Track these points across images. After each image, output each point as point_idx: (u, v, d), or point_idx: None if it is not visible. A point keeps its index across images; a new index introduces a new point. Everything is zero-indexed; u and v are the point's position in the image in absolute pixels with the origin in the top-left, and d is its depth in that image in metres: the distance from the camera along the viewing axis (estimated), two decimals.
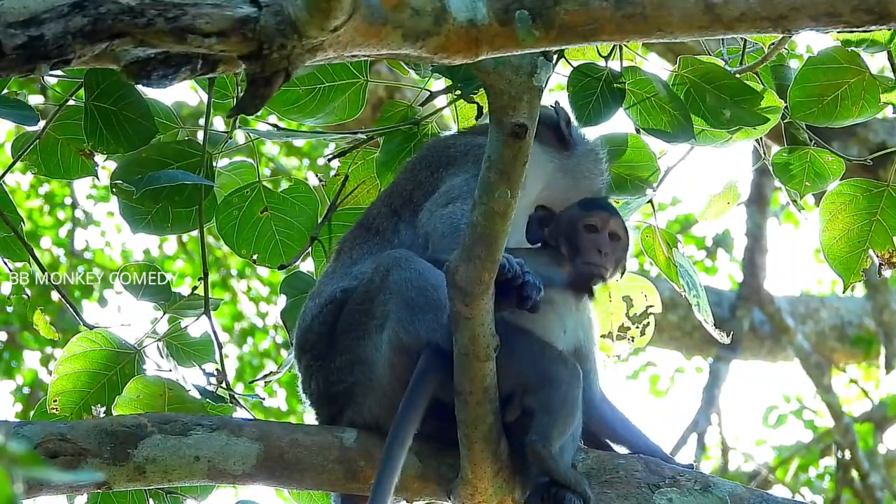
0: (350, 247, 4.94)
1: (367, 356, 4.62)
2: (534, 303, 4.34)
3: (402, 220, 4.88)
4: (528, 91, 3.93)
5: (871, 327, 12.91)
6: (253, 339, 14.72)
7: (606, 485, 4.51)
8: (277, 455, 4.57)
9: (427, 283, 4.51)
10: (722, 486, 4.53)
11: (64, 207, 14.54)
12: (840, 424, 12.74)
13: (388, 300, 4.58)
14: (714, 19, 3.77)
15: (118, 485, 4.55)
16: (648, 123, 5.18)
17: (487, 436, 4.40)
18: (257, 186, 5.36)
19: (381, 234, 4.90)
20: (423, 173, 4.97)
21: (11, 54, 3.35)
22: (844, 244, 5.20)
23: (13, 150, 5.33)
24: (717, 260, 15.28)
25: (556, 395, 4.41)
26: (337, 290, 4.77)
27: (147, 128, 5.16)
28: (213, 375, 5.28)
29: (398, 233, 4.87)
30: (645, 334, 5.43)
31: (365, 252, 4.86)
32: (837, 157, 5.29)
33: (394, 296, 4.57)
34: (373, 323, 4.62)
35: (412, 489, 4.57)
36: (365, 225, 4.97)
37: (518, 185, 4.10)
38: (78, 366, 5.14)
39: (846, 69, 5.14)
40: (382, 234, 4.89)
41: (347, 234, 5.05)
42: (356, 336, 4.65)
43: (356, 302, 4.68)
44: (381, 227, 4.91)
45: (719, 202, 5.51)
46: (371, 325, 4.62)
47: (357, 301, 4.68)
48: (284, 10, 3.45)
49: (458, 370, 4.34)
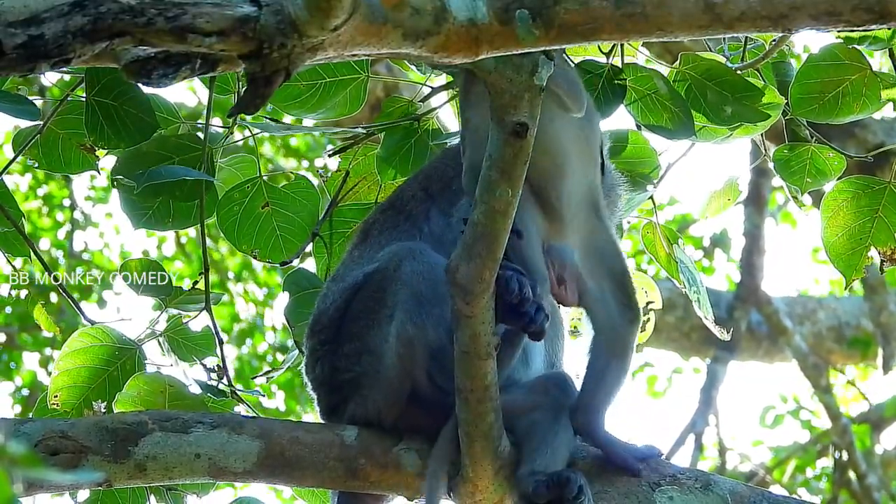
0: (379, 230, 4.89)
1: (376, 346, 4.61)
2: (540, 330, 4.35)
3: (436, 206, 4.85)
4: (529, 90, 3.93)
5: (868, 328, 12.91)
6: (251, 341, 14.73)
7: (607, 483, 4.51)
8: (278, 452, 4.57)
9: (438, 278, 4.49)
10: (722, 484, 4.53)
11: (62, 209, 14.54)
12: (837, 425, 12.74)
13: (399, 291, 4.57)
14: (714, 18, 3.77)
15: (119, 482, 4.55)
16: (649, 120, 5.18)
17: (488, 434, 4.40)
18: (258, 181, 5.35)
19: (412, 218, 4.86)
20: None
21: (12, 53, 3.35)
22: (846, 241, 5.20)
23: (14, 145, 5.33)
24: (715, 260, 15.29)
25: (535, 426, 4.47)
26: (360, 274, 4.75)
27: (148, 123, 5.16)
28: (213, 370, 5.28)
29: (429, 220, 4.83)
30: (645, 330, 5.43)
31: (393, 237, 4.82)
32: (838, 154, 5.29)
33: (404, 287, 4.56)
34: (383, 312, 4.61)
35: (412, 487, 4.57)
36: (397, 206, 4.93)
37: (519, 184, 4.10)
38: (78, 361, 5.13)
39: (847, 66, 5.13)
40: (413, 220, 4.85)
41: (377, 215, 5.00)
42: (366, 324, 4.64)
43: (369, 289, 4.67)
44: (413, 211, 4.87)
45: (720, 199, 5.52)
46: (382, 315, 4.61)
47: (370, 288, 4.67)
48: (284, 10, 3.45)
49: (459, 368, 4.33)
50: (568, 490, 4.35)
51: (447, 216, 4.81)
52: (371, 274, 4.69)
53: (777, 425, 15.41)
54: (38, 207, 14.39)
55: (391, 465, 4.58)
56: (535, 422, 4.52)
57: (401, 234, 4.82)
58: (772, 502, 4.52)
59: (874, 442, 13.90)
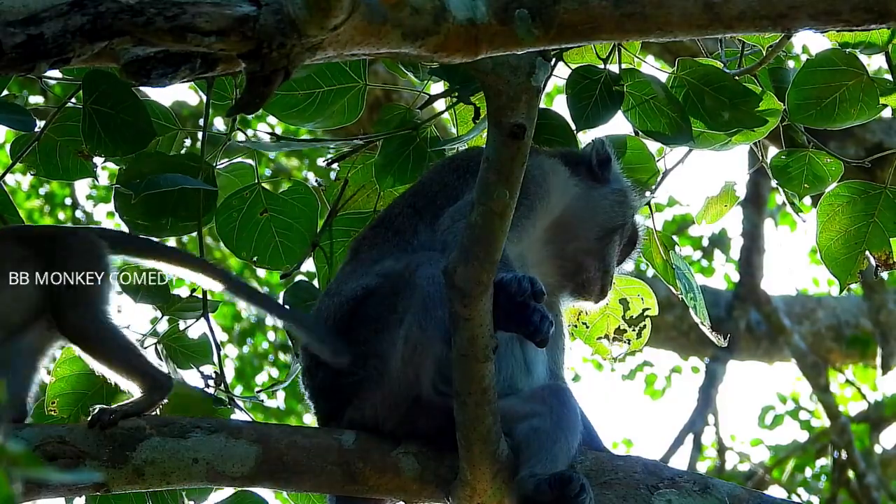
0: (369, 245, 4.92)
1: (383, 350, 4.61)
2: (545, 338, 4.36)
3: (423, 221, 4.87)
4: (526, 91, 3.93)
5: (867, 327, 12.92)
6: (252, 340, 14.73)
7: (605, 486, 4.51)
8: (276, 457, 4.57)
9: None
10: (721, 487, 4.52)
11: (64, 208, 14.53)
12: (836, 424, 12.75)
13: (411, 295, 4.58)
14: (713, 18, 3.77)
15: (117, 487, 4.55)
16: (647, 126, 5.19)
17: (486, 437, 4.39)
18: (257, 188, 5.35)
19: (401, 233, 4.89)
20: (450, 176, 4.97)
21: (11, 53, 3.36)
22: (841, 245, 5.20)
23: (13, 151, 5.33)
24: (714, 260, 15.29)
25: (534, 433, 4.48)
26: (358, 287, 4.75)
27: (145, 131, 5.16)
28: (210, 378, 5.27)
29: (417, 234, 4.86)
30: (641, 337, 5.44)
31: (385, 252, 4.84)
32: (836, 160, 5.29)
33: (416, 291, 4.57)
34: (393, 317, 4.61)
35: (411, 490, 4.57)
36: (385, 223, 4.96)
37: (517, 186, 4.10)
38: (76, 368, 5.13)
39: (844, 71, 5.14)
40: (402, 234, 4.88)
41: (366, 232, 5.04)
42: (375, 329, 4.64)
43: (381, 296, 4.66)
44: (402, 227, 4.90)
45: (717, 205, 5.52)
46: (391, 319, 4.61)
47: (382, 294, 4.66)
48: (284, 9, 3.46)
49: (457, 371, 4.33)
50: (570, 489, 4.34)
51: (433, 230, 4.82)
52: (377, 285, 4.69)
53: (776, 425, 15.42)
54: (41, 206, 14.38)
55: (390, 468, 4.57)
56: (535, 428, 4.52)
57: (391, 249, 4.84)
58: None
59: (873, 441, 13.90)
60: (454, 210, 4.79)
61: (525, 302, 4.32)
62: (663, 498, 4.48)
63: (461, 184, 4.90)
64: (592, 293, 5.05)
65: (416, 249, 4.78)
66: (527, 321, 4.33)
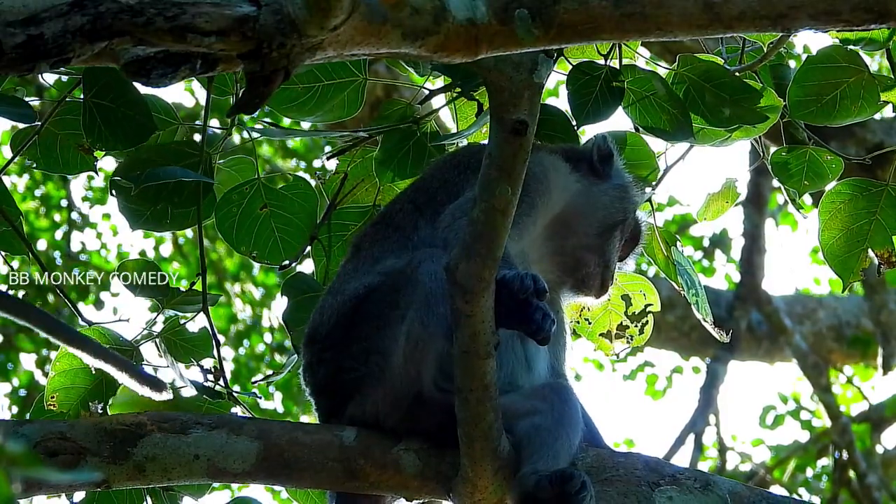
0: (370, 243, 4.92)
1: (385, 346, 4.61)
2: (547, 336, 4.36)
3: (423, 217, 4.88)
4: (528, 88, 3.93)
5: (868, 328, 12.93)
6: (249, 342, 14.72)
7: (606, 483, 4.51)
8: (277, 453, 4.57)
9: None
10: (722, 484, 4.53)
11: (60, 209, 14.53)
12: (837, 424, 12.76)
13: (413, 292, 4.58)
14: (713, 18, 3.77)
15: (117, 483, 4.55)
16: (647, 122, 5.18)
17: (487, 434, 4.39)
18: (256, 183, 5.35)
19: (401, 230, 4.89)
20: (451, 172, 4.97)
21: (11, 53, 3.35)
22: (843, 243, 5.20)
23: (12, 146, 5.32)
24: (715, 260, 15.30)
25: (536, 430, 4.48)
26: (360, 286, 4.75)
27: (145, 125, 5.16)
28: (210, 372, 5.27)
29: (417, 230, 4.86)
30: (644, 333, 5.44)
31: (386, 249, 4.84)
32: (836, 157, 5.29)
33: (418, 287, 4.57)
34: (395, 314, 4.61)
35: (412, 487, 4.57)
36: (386, 220, 4.97)
37: (519, 182, 4.09)
38: (75, 363, 5.13)
39: (845, 68, 5.13)
40: (402, 231, 4.89)
41: (367, 229, 5.04)
42: (377, 325, 4.64)
43: (383, 293, 4.67)
44: (402, 224, 4.91)
45: (718, 201, 5.51)
46: (394, 315, 4.61)
47: (384, 291, 4.67)
48: (284, 9, 3.45)
49: (459, 368, 4.33)
50: (571, 485, 4.35)
51: (433, 226, 4.82)
52: (379, 283, 4.69)
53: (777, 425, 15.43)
54: (36, 207, 14.38)
55: (390, 465, 4.57)
56: (536, 425, 4.52)
57: (392, 246, 4.83)
58: (771, 502, 4.52)
59: (874, 441, 13.91)
60: (455, 207, 4.79)
61: (527, 299, 4.32)
62: (664, 495, 4.48)
63: (462, 180, 4.90)
64: (592, 288, 5.06)
65: (417, 246, 4.78)
66: (528, 318, 4.34)
